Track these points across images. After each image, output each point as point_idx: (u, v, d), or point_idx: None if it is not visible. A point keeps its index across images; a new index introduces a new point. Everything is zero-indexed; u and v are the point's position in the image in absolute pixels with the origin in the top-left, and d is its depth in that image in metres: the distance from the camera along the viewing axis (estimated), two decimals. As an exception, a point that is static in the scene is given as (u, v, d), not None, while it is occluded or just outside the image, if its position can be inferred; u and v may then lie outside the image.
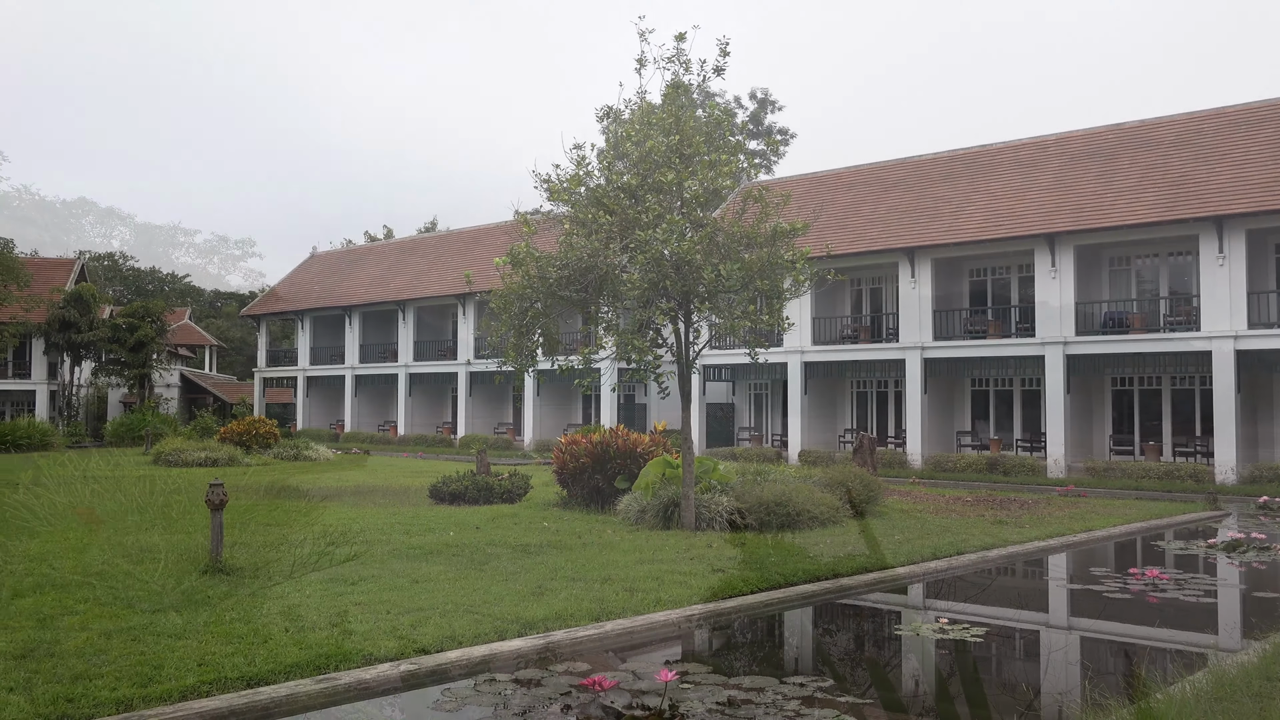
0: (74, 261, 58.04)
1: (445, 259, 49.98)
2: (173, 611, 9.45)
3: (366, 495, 21.07)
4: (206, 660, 7.79)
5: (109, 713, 6.68)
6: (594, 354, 15.83)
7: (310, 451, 36.35)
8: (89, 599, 10.02)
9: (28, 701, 6.77)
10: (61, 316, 50.48)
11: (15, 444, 42.85)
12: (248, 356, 79.20)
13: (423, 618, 9.24)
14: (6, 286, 28.16)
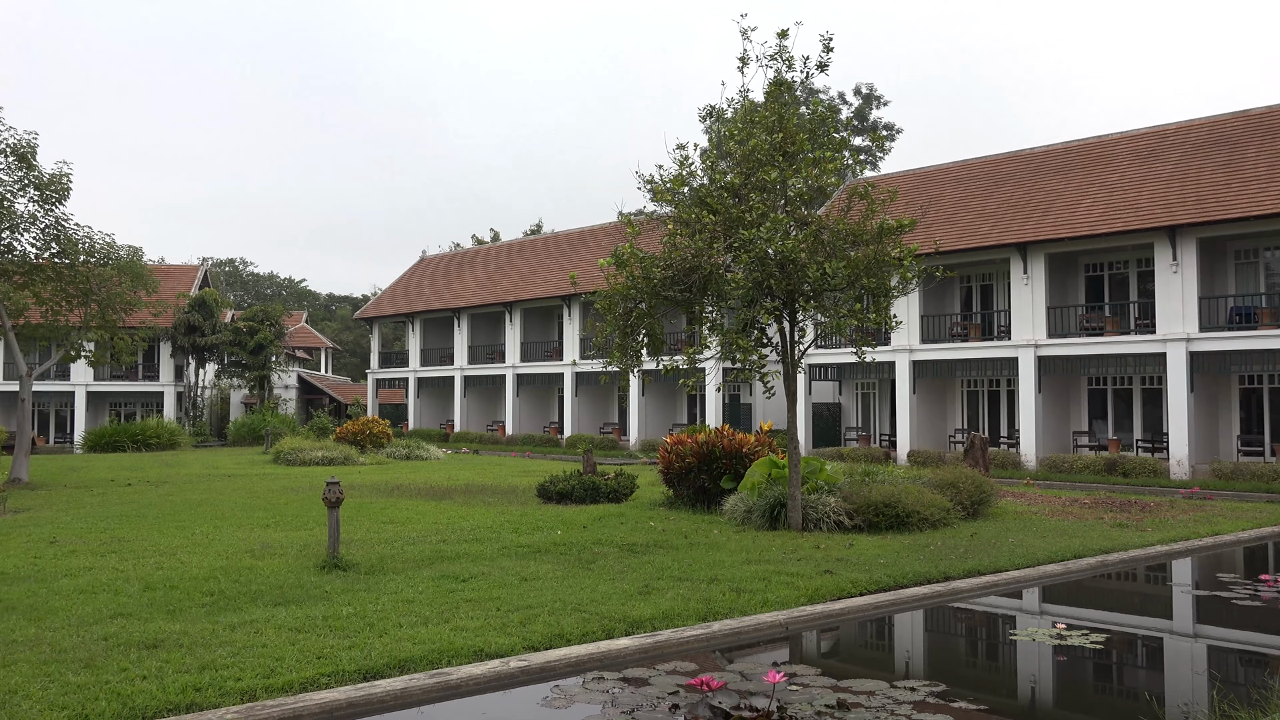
0: (198, 268, 60.41)
1: (551, 261, 50.55)
2: (293, 605, 9.77)
3: (476, 494, 21.44)
4: (325, 653, 8.03)
5: (234, 702, 6.94)
6: (698, 354, 15.81)
7: (422, 451, 37.18)
8: (214, 591, 10.43)
9: (159, 689, 7.08)
10: (187, 321, 52.65)
11: (146, 443, 44.82)
12: (361, 358, 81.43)
13: (532, 615, 9.37)
14: (136, 293, 29.35)
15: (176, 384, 55.08)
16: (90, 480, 27.25)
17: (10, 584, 10.95)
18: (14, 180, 26.59)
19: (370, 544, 13.70)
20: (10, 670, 7.51)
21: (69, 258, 27.72)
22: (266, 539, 14.48)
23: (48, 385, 51.12)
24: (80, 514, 18.26)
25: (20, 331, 29.08)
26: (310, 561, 12.21)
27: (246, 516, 17.46)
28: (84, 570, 11.82)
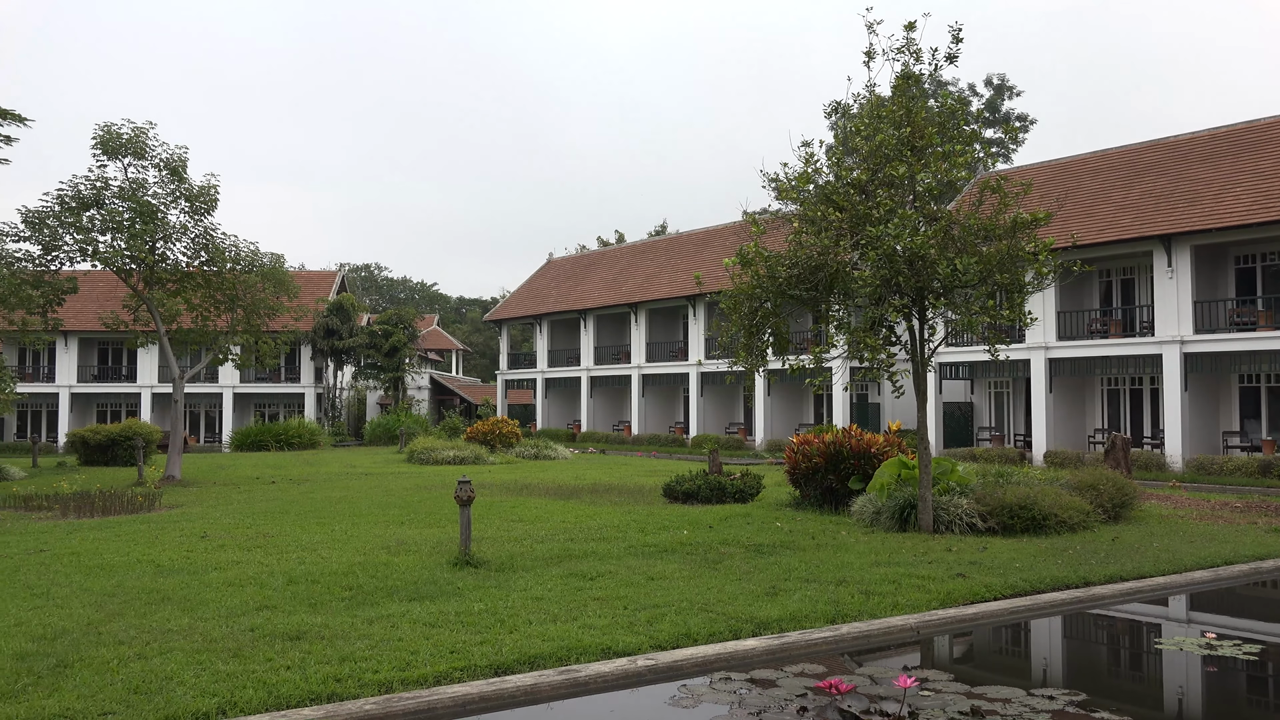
0: (335, 273, 62.57)
1: (675, 261, 50.68)
2: (426, 601, 10.03)
3: (603, 493, 21.64)
4: (458, 648, 8.22)
5: (371, 693, 7.17)
6: (825, 353, 15.63)
7: (549, 451, 37.72)
8: (353, 586, 10.79)
9: (302, 679, 7.36)
10: (325, 325, 54.62)
11: (288, 442, 46.65)
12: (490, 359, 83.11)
13: (658, 614, 9.41)
14: (278, 298, 30.60)
15: (316, 385, 57.16)
16: (237, 478, 28.52)
17: (166, 576, 11.54)
18: (167, 193, 28.02)
19: (500, 542, 13.97)
20: (166, 658, 7.91)
21: (217, 265, 29.07)
22: (401, 536, 14.90)
23: (198, 387, 53.71)
24: (228, 510, 19.12)
25: (173, 336, 30.62)
26: (443, 558, 12.51)
27: (382, 514, 18.00)
28: (232, 564, 12.37)
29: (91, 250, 27.38)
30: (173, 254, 28.62)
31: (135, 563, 12.50)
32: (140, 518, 18.07)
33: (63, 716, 6.58)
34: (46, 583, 11.18)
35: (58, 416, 54.13)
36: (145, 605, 9.89)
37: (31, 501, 20.71)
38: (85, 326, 51.00)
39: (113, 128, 27.14)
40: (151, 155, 27.62)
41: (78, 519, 18.21)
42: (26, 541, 14.75)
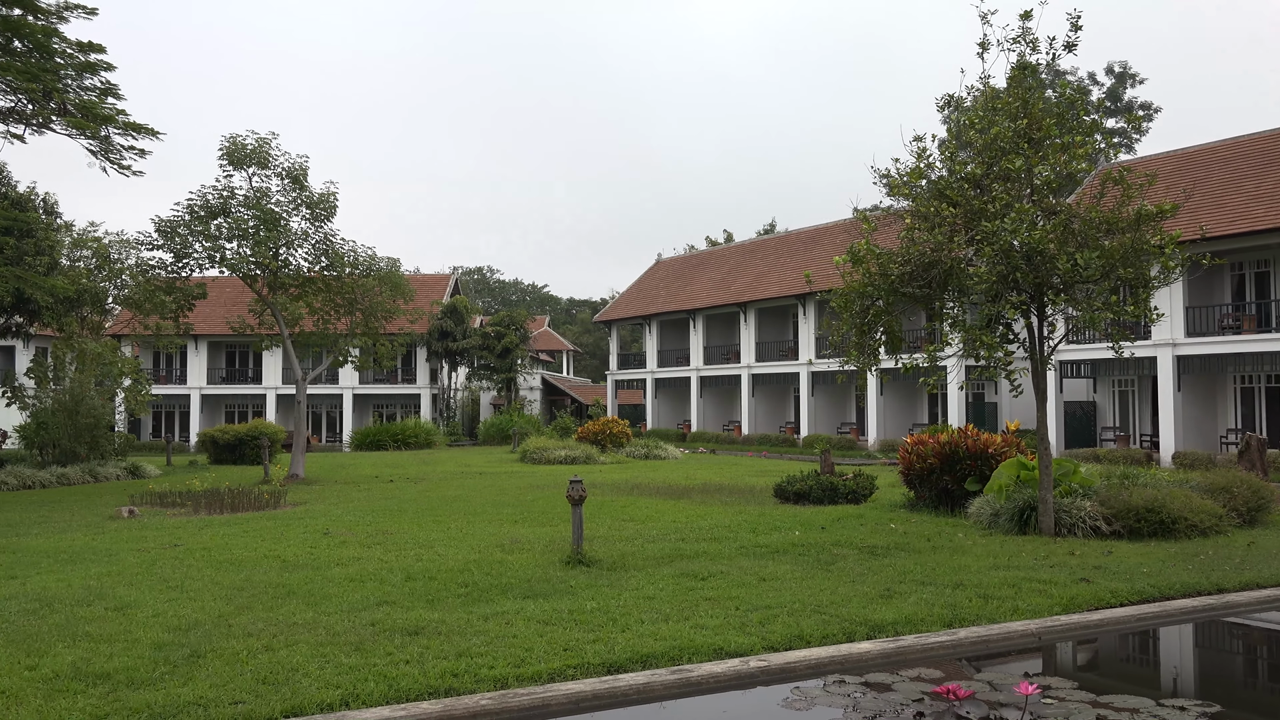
0: (449, 276, 63.86)
1: (784, 260, 50.32)
2: (540, 598, 10.16)
3: (714, 493, 21.61)
4: (571, 646, 8.30)
5: (487, 689, 7.29)
6: (939, 351, 15.30)
7: (659, 451, 37.84)
8: (468, 583, 10.99)
9: (420, 674, 7.53)
10: (440, 327, 55.80)
11: (405, 442, 47.82)
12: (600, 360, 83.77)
13: (770, 615, 9.35)
14: (395, 301, 31.40)
15: (431, 386, 58.43)
16: (357, 476, 29.34)
17: (291, 571, 11.94)
18: (289, 200, 29.00)
19: (612, 541, 14.06)
20: (292, 650, 8.18)
21: (336, 270, 29.97)
22: (515, 534, 15.13)
23: (320, 389, 55.42)
24: (349, 508, 19.69)
25: (296, 339, 31.67)
26: (555, 556, 12.65)
27: (496, 512, 18.31)
28: (353, 560, 12.74)
29: (219, 257, 28.51)
30: (295, 260, 29.61)
31: (262, 558, 12.97)
32: (267, 514, 18.74)
33: (197, 704, 6.86)
34: (181, 576, 11.68)
35: (189, 417, 56.50)
36: (272, 599, 10.25)
37: (166, 498, 21.66)
38: (214, 330, 53.11)
39: (238, 139, 28.20)
40: (274, 165, 28.62)
41: (209, 515, 18.98)
42: (162, 536, 15.44)
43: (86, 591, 10.74)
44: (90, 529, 16.97)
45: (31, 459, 32.61)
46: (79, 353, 34.29)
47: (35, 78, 24.36)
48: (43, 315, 32.82)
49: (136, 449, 42.84)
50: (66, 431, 32.05)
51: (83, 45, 25.41)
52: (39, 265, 30.78)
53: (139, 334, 36.87)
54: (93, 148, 26.83)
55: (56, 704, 6.89)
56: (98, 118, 25.88)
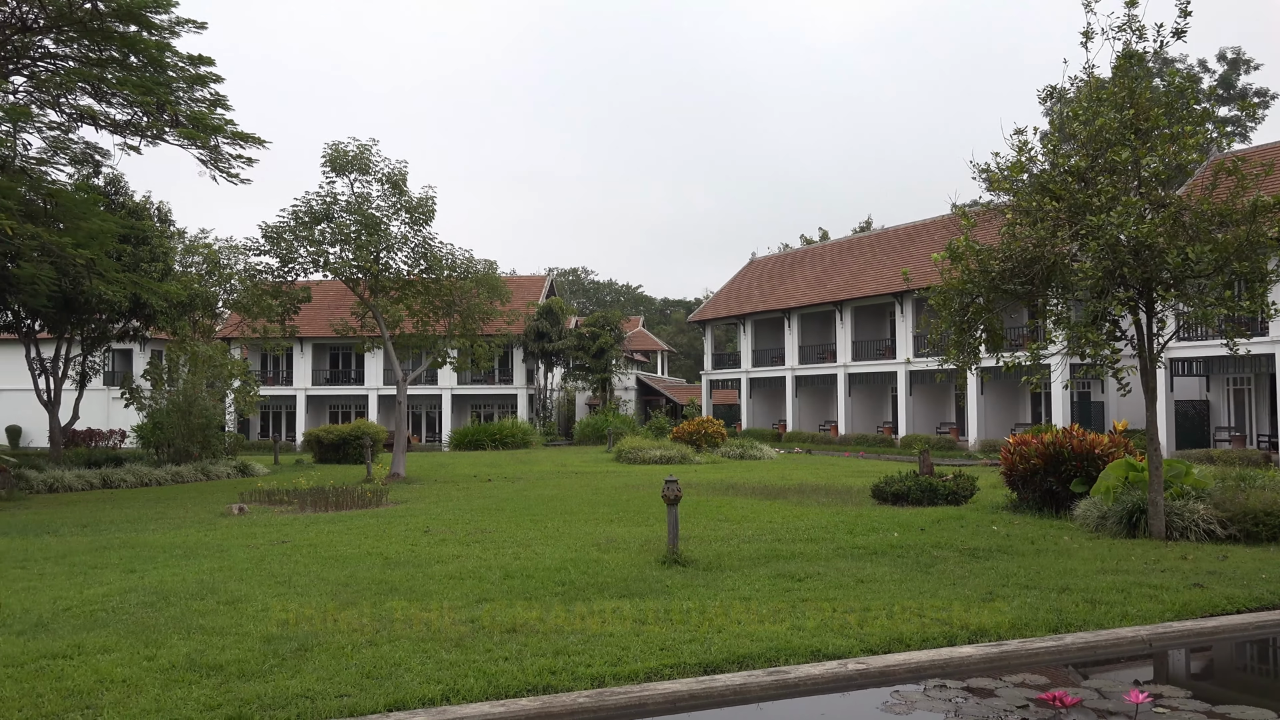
0: (544, 278, 64.53)
1: (881, 257, 49.65)
2: (636, 598, 10.20)
3: (810, 494, 21.43)
4: (667, 645, 8.32)
5: (585, 687, 7.35)
6: (1043, 349, 14.93)
7: (755, 451, 37.67)
8: (565, 582, 11.09)
9: (519, 670, 7.63)
10: (536, 328, 56.41)
11: (502, 442, 48.49)
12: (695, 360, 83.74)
13: (868, 617, 9.24)
14: (492, 303, 31.87)
15: (528, 387, 59.11)
16: (456, 476, 29.85)
17: (394, 568, 12.20)
18: (389, 205, 29.65)
19: (707, 541, 14.05)
20: (395, 645, 8.36)
21: (435, 273, 30.54)
22: (611, 533, 15.21)
23: (419, 389, 56.49)
24: (448, 506, 20.04)
25: (396, 341, 32.35)
26: (651, 556, 12.69)
27: (592, 511, 18.44)
28: (453, 558, 12.96)
29: (323, 261, 29.29)
30: (395, 263, 30.26)
31: (366, 555, 13.28)
32: (369, 512, 19.19)
33: (304, 696, 7.06)
34: (288, 572, 12.03)
35: (295, 417, 58.14)
36: (375, 595, 10.48)
37: (274, 496, 22.33)
38: (318, 333, 54.53)
39: (340, 146, 28.92)
40: (375, 170, 29.29)
41: (314, 513, 19.51)
42: (270, 533, 15.93)
43: (200, 586, 11.13)
44: (203, 525, 17.59)
45: (148, 457, 33.95)
46: (191, 355, 35.60)
47: (149, 91, 25.33)
48: (158, 319, 34.18)
49: (245, 448, 44.28)
50: (180, 431, 33.29)
51: (193, 58, 26.33)
52: (154, 271, 32.04)
53: (247, 337, 38.12)
54: (203, 157, 27.79)
55: (173, 693, 7.16)
56: (208, 128, 26.79)
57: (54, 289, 28.04)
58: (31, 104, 26.52)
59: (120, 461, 32.76)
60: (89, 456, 34.50)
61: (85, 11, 24.17)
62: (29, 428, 56.64)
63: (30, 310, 31.52)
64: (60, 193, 25.59)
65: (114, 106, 27.05)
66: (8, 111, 23.90)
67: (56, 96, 26.77)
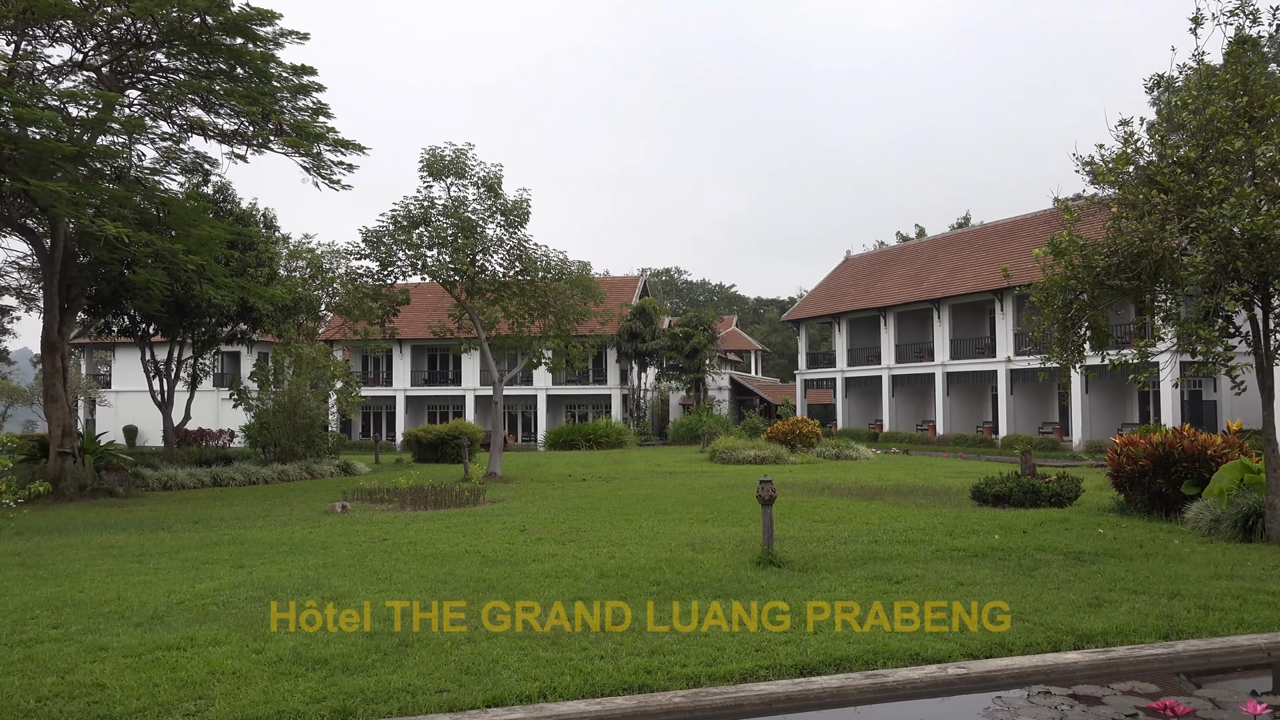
0: (637, 278, 64.75)
1: (979, 254, 48.65)
2: (730, 598, 10.16)
3: (907, 495, 21.10)
4: (762, 646, 8.28)
5: (680, 686, 7.35)
6: (1151, 346, 14.44)
7: (850, 451, 37.25)
8: (660, 581, 11.10)
9: (614, 669, 7.67)
10: (629, 328, 56.63)
11: (596, 441, 48.79)
12: (788, 359, 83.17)
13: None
14: (586, 304, 32.11)
15: (621, 387, 59.39)
16: (551, 475, 30.13)
17: (491, 566, 12.37)
18: (484, 208, 30.08)
19: (802, 542, 13.93)
20: (493, 642, 8.48)
21: (530, 275, 30.88)
22: (705, 533, 15.19)
23: (515, 390, 57.21)
24: (544, 505, 20.24)
25: (492, 342, 32.80)
26: (746, 556, 12.63)
27: (686, 511, 18.43)
28: (548, 556, 13.08)
29: (420, 264, 29.87)
30: (491, 265, 30.68)
31: (464, 553, 13.49)
32: (467, 511, 19.49)
33: (405, 691, 7.21)
34: (389, 569, 12.29)
35: (395, 417, 59.39)
36: (473, 592, 10.64)
37: (375, 495, 22.84)
38: (417, 335, 55.59)
39: (436, 150, 29.44)
40: (471, 174, 29.73)
41: (414, 511, 19.90)
42: (372, 531, 16.29)
43: (305, 581, 11.44)
44: (307, 523, 18.08)
45: (255, 456, 35.04)
46: (296, 357, 36.62)
47: (255, 101, 26.15)
48: (264, 322, 35.27)
49: (348, 448, 45.36)
50: (285, 431, 34.28)
51: (296, 68, 27.09)
52: (260, 276, 33.06)
53: (349, 339, 39.06)
54: (306, 164, 28.58)
55: (281, 685, 7.37)
56: (310, 136, 27.53)
57: (167, 294, 29.16)
58: (145, 116, 27.61)
59: (229, 460, 33.88)
60: (200, 455, 35.77)
61: (195, 26, 25.05)
62: (144, 428, 58.99)
63: (145, 314, 32.84)
64: (172, 201, 26.57)
65: (222, 117, 28.02)
66: (124, 124, 24.90)
67: (168, 108, 27.83)
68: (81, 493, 25.34)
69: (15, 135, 22.54)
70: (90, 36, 26.07)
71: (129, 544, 15.37)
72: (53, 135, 22.77)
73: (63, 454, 26.09)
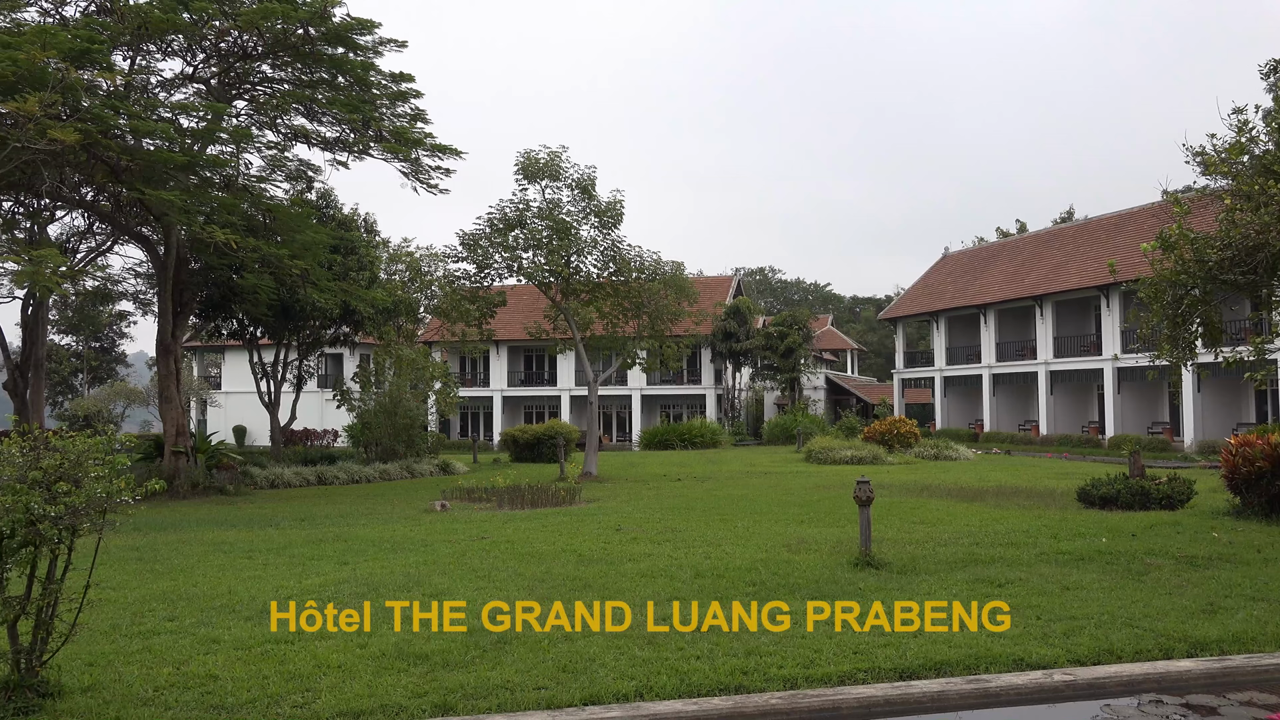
0: (731, 278, 64.54)
1: (1084, 249, 47.31)
2: (827, 600, 10.06)
3: (1009, 496, 20.62)
4: (860, 649, 8.18)
5: (777, 688, 7.31)
6: (1268, 343, 13.89)
7: (950, 451, 36.55)
8: (755, 582, 11.05)
9: (710, 670, 7.66)
10: (723, 328, 56.48)
11: (691, 441, 48.76)
12: (885, 358, 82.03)
13: (1075, 626, 8.82)
14: (680, 304, 32.12)
15: (716, 387, 59.25)
16: (645, 475, 30.21)
17: (587, 565, 12.46)
18: (579, 210, 30.31)
19: (901, 544, 13.72)
20: (589, 641, 8.54)
21: (623, 275, 31.02)
22: (801, 534, 15.06)
23: (610, 390, 57.50)
24: (639, 505, 20.30)
25: (587, 343, 33.04)
26: (843, 558, 12.49)
27: (782, 512, 18.30)
28: (644, 556, 13.12)
29: (516, 266, 30.24)
30: (585, 266, 30.90)
31: (560, 551, 13.61)
32: (563, 510, 19.66)
33: (504, 687, 7.30)
34: (488, 567, 12.46)
35: (492, 417, 60.22)
36: (569, 591, 10.73)
37: (474, 494, 23.20)
38: (513, 336, 56.28)
39: (531, 154, 29.76)
40: (565, 176, 29.99)
41: (511, 510, 20.15)
42: (470, 529, 16.55)
43: (406, 578, 11.67)
44: (408, 521, 18.44)
45: (358, 456, 35.89)
46: (396, 359, 37.42)
47: (356, 109, 26.78)
48: (365, 325, 36.11)
49: (446, 447, 46.18)
50: (387, 431, 35.03)
51: (395, 75, 27.67)
52: (361, 279, 33.84)
53: (447, 340, 39.78)
54: (404, 170, 29.17)
55: (384, 680, 7.54)
56: (409, 142, 28.09)
57: (273, 297, 30.04)
58: (252, 126, 28.51)
59: (333, 459, 34.77)
60: (305, 454, 36.80)
61: (298, 37, 25.77)
62: (253, 428, 60.90)
63: (253, 318, 33.88)
64: (277, 207, 27.38)
65: (324, 125, 28.77)
66: (232, 134, 25.75)
67: (274, 118, 28.69)
68: (194, 490, 26.27)
69: (131, 147, 23.48)
70: (200, 50, 27.02)
71: (239, 540, 15.88)
72: (166, 146, 23.65)
73: (177, 453, 27.09)
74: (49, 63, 20.04)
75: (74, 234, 34.14)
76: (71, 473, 7.05)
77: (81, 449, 7.22)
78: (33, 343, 31.64)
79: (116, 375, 64.86)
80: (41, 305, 31.64)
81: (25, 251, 21.83)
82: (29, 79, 19.55)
